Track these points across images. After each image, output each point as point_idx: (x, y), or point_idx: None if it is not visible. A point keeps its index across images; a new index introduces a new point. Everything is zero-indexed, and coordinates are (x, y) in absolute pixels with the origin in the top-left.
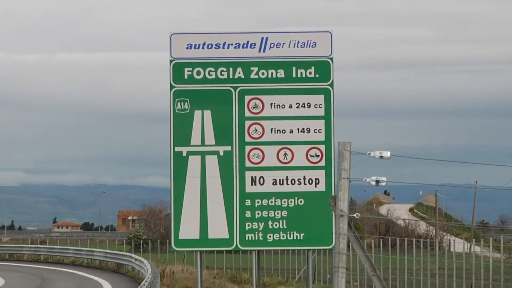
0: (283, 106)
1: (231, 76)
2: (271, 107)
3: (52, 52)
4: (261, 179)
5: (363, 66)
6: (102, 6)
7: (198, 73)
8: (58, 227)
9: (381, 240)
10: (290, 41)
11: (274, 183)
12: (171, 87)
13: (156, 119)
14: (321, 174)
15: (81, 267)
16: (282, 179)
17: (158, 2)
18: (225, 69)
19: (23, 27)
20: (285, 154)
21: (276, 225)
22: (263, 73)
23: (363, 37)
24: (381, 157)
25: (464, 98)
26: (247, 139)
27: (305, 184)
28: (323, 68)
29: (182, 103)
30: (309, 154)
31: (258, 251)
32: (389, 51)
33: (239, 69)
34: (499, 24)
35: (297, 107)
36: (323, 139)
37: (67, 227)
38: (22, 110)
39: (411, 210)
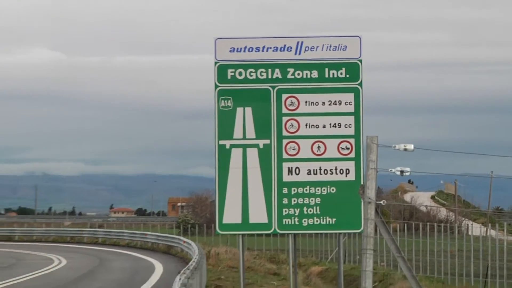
0: (316, 104)
1: (269, 77)
2: (305, 105)
3: (110, 55)
4: (297, 169)
5: (388, 67)
6: (154, 14)
7: (240, 73)
8: (115, 213)
9: (405, 224)
10: (323, 45)
11: (309, 173)
12: (216, 86)
13: (202, 116)
14: (351, 165)
15: (135, 248)
16: (316, 169)
17: (202, 9)
18: (264, 70)
19: (84, 32)
20: (319, 147)
21: (310, 211)
22: (298, 74)
23: (388, 41)
24: (405, 149)
25: (479, 95)
26: (284, 133)
27: (336, 174)
28: (353, 69)
29: (226, 101)
30: (340, 147)
31: (294, 234)
32: (411, 53)
33: (277, 70)
34: (509, 28)
35: (329, 105)
36: (352, 133)
37: (122, 213)
38: (82, 107)
39: (432, 197)
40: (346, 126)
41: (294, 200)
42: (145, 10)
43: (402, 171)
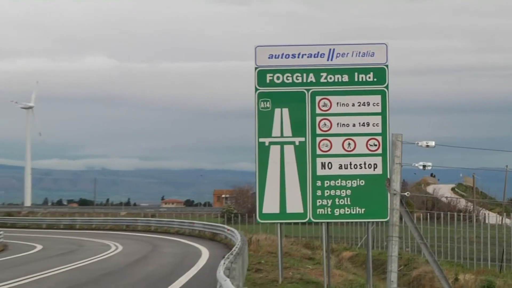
0: (347, 105)
1: (304, 80)
2: (337, 105)
3: (158, 61)
4: (329, 164)
5: (412, 71)
6: (197, 24)
7: (278, 78)
8: (165, 204)
9: (428, 214)
10: (353, 52)
11: (340, 167)
12: (256, 89)
13: (241, 115)
14: (378, 160)
15: (183, 235)
16: (347, 164)
17: (240, 21)
18: (299, 75)
19: (135, 41)
20: (349, 144)
21: (341, 201)
22: (330, 78)
23: (412, 47)
24: (427, 146)
25: (495, 97)
26: (318, 131)
27: (365, 168)
28: (380, 74)
29: (265, 102)
30: (369, 144)
31: (327, 223)
32: (432, 59)
33: (311, 75)
34: None
35: (358, 105)
36: (380, 131)
37: (172, 204)
38: (134, 109)
39: (453, 189)
40: (373, 125)
41: (327, 192)
42: (189, 20)
43: (424, 166)
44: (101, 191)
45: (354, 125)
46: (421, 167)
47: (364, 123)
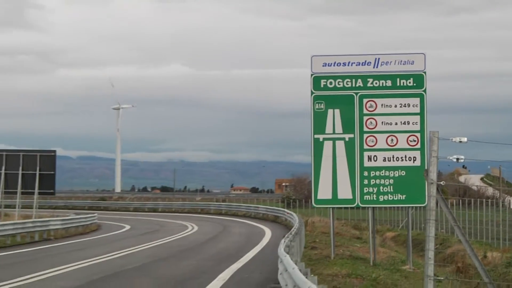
0: (390, 106)
1: (353, 85)
2: (381, 107)
3: (228, 68)
4: (375, 157)
5: (445, 77)
6: (261, 36)
7: (331, 83)
8: (234, 190)
9: (460, 200)
10: (395, 60)
11: (384, 160)
12: (312, 93)
13: (298, 115)
14: (417, 154)
15: (249, 218)
16: (390, 157)
17: (297, 33)
18: (349, 80)
19: (207, 51)
20: (392, 140)
21: (385, 189)
22: (376, 83)
23: (446, 57)
24: (460, 141)
25: None
26: (365, 129)
27: (406, 160)
28: (419, 79)
29: (319, 104)
30: (409, 140)
31: (373, 207)
32: (463, 66)
33: (359, 80)
34: None
35: (400, 107)
36: (418, 129)
37: (240, 190)
38: (207, 109)
39: (481, 179)
40: (413, 123)
41: (373, 181)
42: (254, 33)
43: (457, 159)
44: (179, 180)
45: (396, 124)
46: (455, 160)
47: (405, 121)
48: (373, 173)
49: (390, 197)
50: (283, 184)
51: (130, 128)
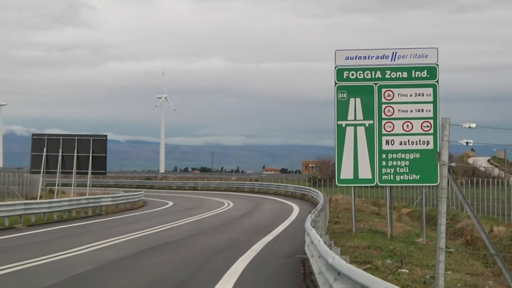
0: (406, 95)
1: (373, 76)
2: (398, 96)
3: (262, 62)
4: (392, 141)
5: (457, 69)
6: (290, 33)
7: (352, 75)
8: (266, 171)
9: (469, 180)
10: (411, 54)
11: (400, 143)
12: (335, 83)
13: (323, 104)
14: (430, 138)
15: (279, 195)
16: (405, 141)
17: (323, 31)
18: (369, 72)
19: (244, 46)
20: (407, 125)
21: (401, 170)
22: (393, 74)
23: (457, 51)
24: (469, 127)
25: None
26: (383, 116)
27: (420, 144)
28: (432, 71)
29: (342, 93)
30: (423, 125)
31: (390, 186)
32: (471, 60)
33: (378, 72)
34: None
35: (415, 96)
36: (431, 116)
37: (271, 171)
38: (242, 98)
39: (488, 161)
40: (427, 111)
41: (390, 163)
42: (284, 31)
43: (467, 142)
44: (216, 162)
45: (411, 111)
46: (465, 144)
47: (419, 109)
48: (390, 156)
49: (406, 177)
50: (310, 165)
51: (172, 115)
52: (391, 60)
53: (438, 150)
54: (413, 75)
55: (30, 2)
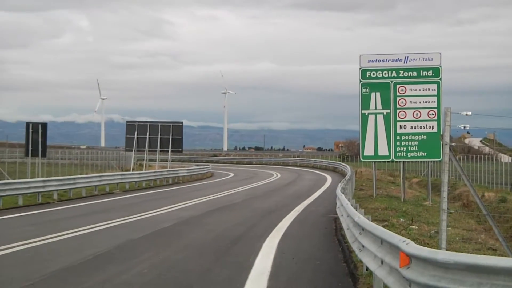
0: (415, 90)
1: (389, 75)
2: (409, 91)
3: (303, 65)
4: (405, 126)
5: (456, 69)
6: (323, 42)
7: (373, 74)
8: (305, 149)
9: (465, 156)
10: (419, 57)
11: (411, 128)
12: (360, 81)
13: (350, 96)
14: (434, 124)
15: (316, 168)
16: (415, 126)
17: (348, 39)
18: (386, 72)
19: (288, 51)
20: (417, 114)
21: (412, 148)
22: (406, 73)
23: (456, 55)
24: (466, 114)
25: (504, 84)
26: (398, 106)
27: (426, 128)
28: (436, 71)
29: (365, 89)
30: (429, 114)
31: (403, 161)
32: (468, 62)
33: (393, 72)
34: None
35: (423, 90)
36: (436, 106)
37: (309, 149)
38: (287, 94)
39: (481, 141)
40: (432, 102)
41: (403, 143)
42: (320, 40)
43: (464, 127)
44: (267, 142)
45: (420, 103)
46: (462, 127)
47: (426, 101)
48: (403, 137)
49: (415, 154)
50: (340, 145)
51: (233, 106)
52: (404, 62)
53: (441, 133)
54: (421, 74)
55: (126, 20)
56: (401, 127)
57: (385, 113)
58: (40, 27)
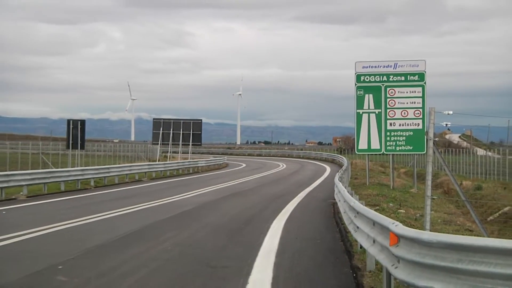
0: (403, 92)
1: (381, 80)
2: (398, 93)
3: (306, 70)
4: (394, 123)
5: (438, 74)
6: (324, 51)
7: (367, 78)
8: (308, 143)
9: (446, 149)
10: (406, 64)
11: (400, 125)
12: (355, 84)
13: (347, 98)
14: (420, 122)
15: (317, 160)
16: (403, 123)
17: (346, 49)
18: (378, 76)
19: (292, 58)
20: (404, 113)
21: (400, 143)
22: (395, 78)
23: (438, 62)
24: (448, 113)
25: (482, 88)
26: (388, 106)
27: (413, 126)
28: (421, 76)
29: (360, 91)
30: (415, 113)
31: (393, 154)
32: (449, 68)
33: (384, 77)
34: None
35: (410, 93)
36: (421, 106)
37: (311, 143)
38: (293, 95)
39: (459, 137)
40: (417, 103)
41: (393, 138)
42: (320, 49)
43: (446, 124)
44: (274, 137)
45: (407, 103)
46: (444, 125)
47: (412, 102)
48: (392, 133)
49: (403, 148)
50: (338, 139)
51: (246, 105)
52: (393, 68)
53: (426, 129)
54: (408, 79)
55: (153, 31)
56: (390, 124)
57: (377, 112)
58: (79, 38)
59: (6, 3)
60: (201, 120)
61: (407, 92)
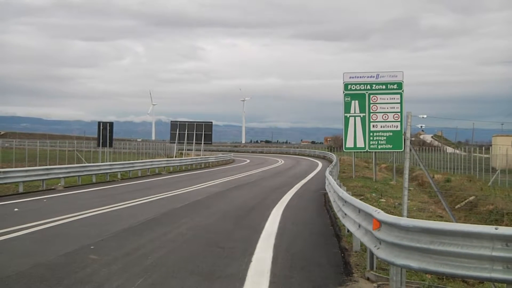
0: (384, 99)
1: (365, 88)
2: (380, 99)
3: (300, 79)
4: (376, 125)
5: (413, 84)
6: (315, 64)
7: (353, 86)
8: (302, 142)
9: (420, 148)
10: (387, 75)
11: (381, 127)
12: (343, 92)
13: (336, 103)
14: (398, 124)
15: (310, 156)
16: (384, 125)
17: (336, 62)
18: (363, 85)
19: (290, 68)
20: (385, 116)
21: (381, 142)
22: (377, 87)
23: (414, 73)
24: (423, 117)
25: (454, 94)
26: (371, 111)
27: (392, 127)
28: (399, 85)
29: (347, 98)
30: (394, 116)
31: (375, 151)
32: (422, 78)
33: (368, 85)
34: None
35: (390, 99)
36: (399, 111)
37: (306, 142)
38: (290, 101)
39: (432, 137)
40: (396, 108)
41: (375, 138)
42: (312, 62)
43: (421, 126)
44: (274, 137)
45: (387, 108)
46: (419, 127)
47: (392, 107)
48: (375, 134)
49: (384, 146)
50: (328, 139)
51: (249, 109)
52: (376, 78)
53: (403, 131)
54: (389, 87)
55: (170, 46)
56: (373, 126)
57: (362, 116)
58: (108, 53)
59: (45, 22)
60: (211, 122)
61: (387, 99)
